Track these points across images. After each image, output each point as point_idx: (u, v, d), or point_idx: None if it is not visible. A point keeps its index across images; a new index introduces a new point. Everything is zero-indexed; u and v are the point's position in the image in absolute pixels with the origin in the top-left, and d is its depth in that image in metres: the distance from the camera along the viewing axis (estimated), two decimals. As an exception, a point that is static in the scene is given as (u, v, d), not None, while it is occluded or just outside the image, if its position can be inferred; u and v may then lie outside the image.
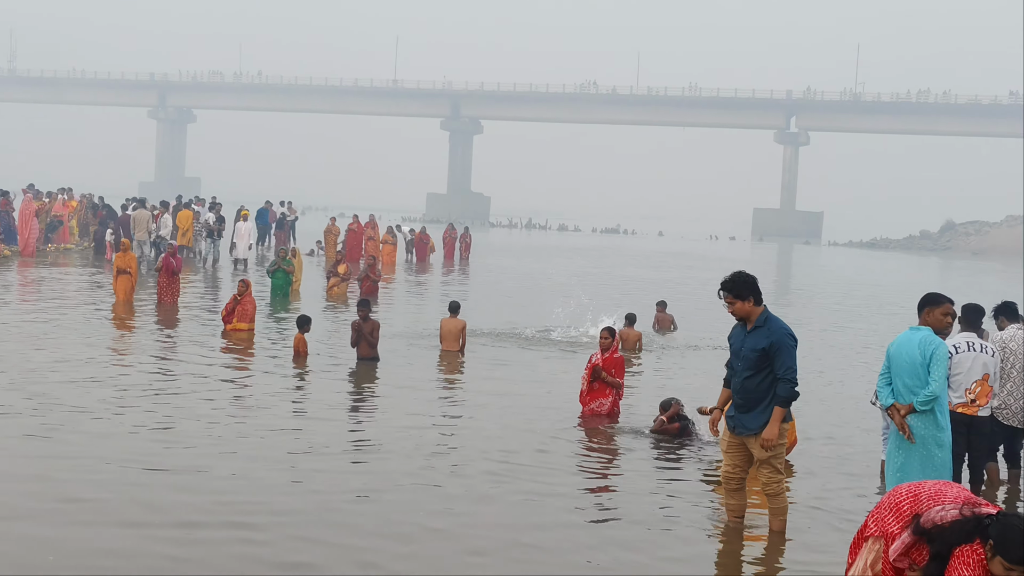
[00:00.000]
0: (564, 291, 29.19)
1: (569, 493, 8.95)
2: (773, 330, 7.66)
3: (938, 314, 7.98)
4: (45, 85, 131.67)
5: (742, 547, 7.85)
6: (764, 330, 7.69)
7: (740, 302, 7.70)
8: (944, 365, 7.74)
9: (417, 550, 7.35)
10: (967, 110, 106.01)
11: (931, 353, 7.76)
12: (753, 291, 7.71)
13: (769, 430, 7.63)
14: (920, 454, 7.78)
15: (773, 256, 63.10)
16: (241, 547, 7.24)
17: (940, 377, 7.71)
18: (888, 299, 31.81)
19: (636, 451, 10.63)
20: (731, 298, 7.71)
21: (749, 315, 7.74)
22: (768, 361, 7.64)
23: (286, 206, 40.25)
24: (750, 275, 7.79)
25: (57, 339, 15.61)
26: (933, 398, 7.72)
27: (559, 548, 7.54)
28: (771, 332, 7.65)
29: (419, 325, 19.71)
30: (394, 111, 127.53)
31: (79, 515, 7.72)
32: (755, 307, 7.73)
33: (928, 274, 51.08)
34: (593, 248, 60.81)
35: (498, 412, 12.08)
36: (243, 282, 17.33)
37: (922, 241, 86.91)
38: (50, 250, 31.44)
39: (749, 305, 7.72)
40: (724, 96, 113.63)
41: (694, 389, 13.86)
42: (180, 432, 10.31)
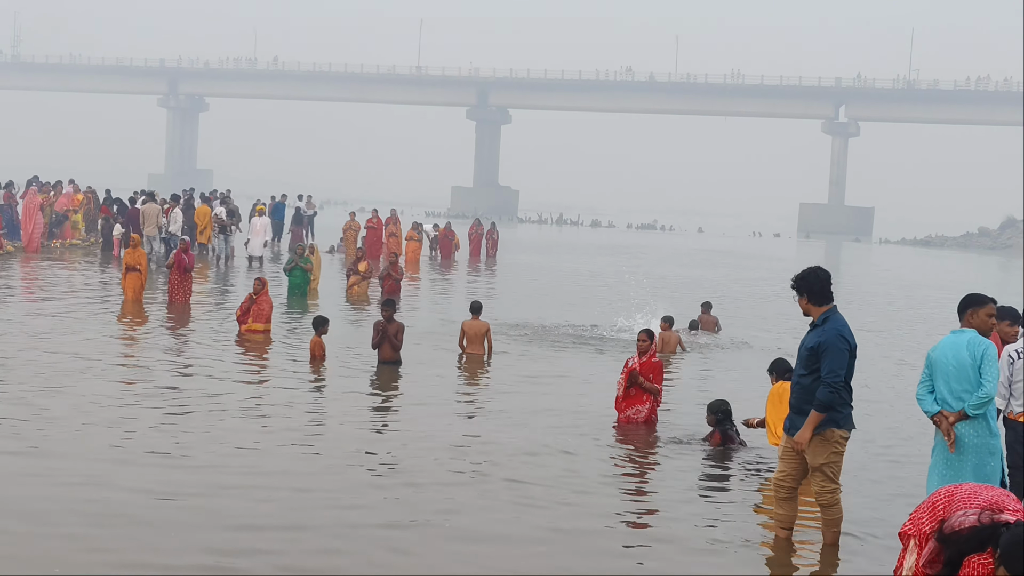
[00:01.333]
0: (599, 290, 29.20)
1: (602, 510, 8.92)
2: (826, 329, 7.72)
3: (983, 315, 7.96)
4: (49, 71, 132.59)
5: (790, 561, 7.83)
6: (820, 329, 7.78)
7: (800, 298, 7.90)
8: (997, 365, 7.70)
9: (434, 565, 7.36)
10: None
11: (982, 354, 7.73)
12: (810, 289, 7.84)
13: (801, 434, 7.71)
14: (972, 463, 7.71)
15: (820, 254, 62.76)
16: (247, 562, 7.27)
17: (994, 378, 7.68)
18: (950, 302, 31.54)
19: (675, 460, 10.58)
20: (798, 296, 7.92)
21: (809, 312, 7.90)
22: (818, 361, 7.66)
23: (304, 200, 40.39)
24: (819, 272, 7.90)
25: (61, 340, 15.70)
26: (988, 400, 7.67)
27: (593, 570, 7.54)
28: (824, 331, 7.72)
29: (444, 326, 19.72)
30: (418, 100, 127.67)
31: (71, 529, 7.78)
32: (812, 306, 7.86)
33: (987, 274, 50.67)
34: (628, 245, 60.66)
35: (526, 420, 12.04)
36: (259, 280, 17.39)
37: (980, 239, 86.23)
38: (55, 246, 31.65)
39: (804, 302, 7.89)
40: (769, 84, 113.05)
41: (737, 393, 13.80)
42: (187, 444, 10.34)
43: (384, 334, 14.85)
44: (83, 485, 8.71)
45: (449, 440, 10.86)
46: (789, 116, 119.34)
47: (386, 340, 14.85)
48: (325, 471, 9.51)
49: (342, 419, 11.63)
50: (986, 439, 7.73)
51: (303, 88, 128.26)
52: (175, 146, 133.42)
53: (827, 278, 7.87)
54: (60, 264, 27.40)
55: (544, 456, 10.43)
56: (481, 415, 12.30)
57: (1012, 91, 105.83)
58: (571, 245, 57.77)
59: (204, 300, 21.83)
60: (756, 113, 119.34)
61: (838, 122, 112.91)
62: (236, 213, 32.46)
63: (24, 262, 27.23)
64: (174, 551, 7.36)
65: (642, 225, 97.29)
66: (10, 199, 32.06)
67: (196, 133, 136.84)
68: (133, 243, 21.53)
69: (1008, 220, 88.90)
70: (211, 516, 8.12)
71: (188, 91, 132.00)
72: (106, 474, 9.05)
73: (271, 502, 8.52)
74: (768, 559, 7.91)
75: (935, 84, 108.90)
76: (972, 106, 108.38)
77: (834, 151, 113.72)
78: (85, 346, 15.25)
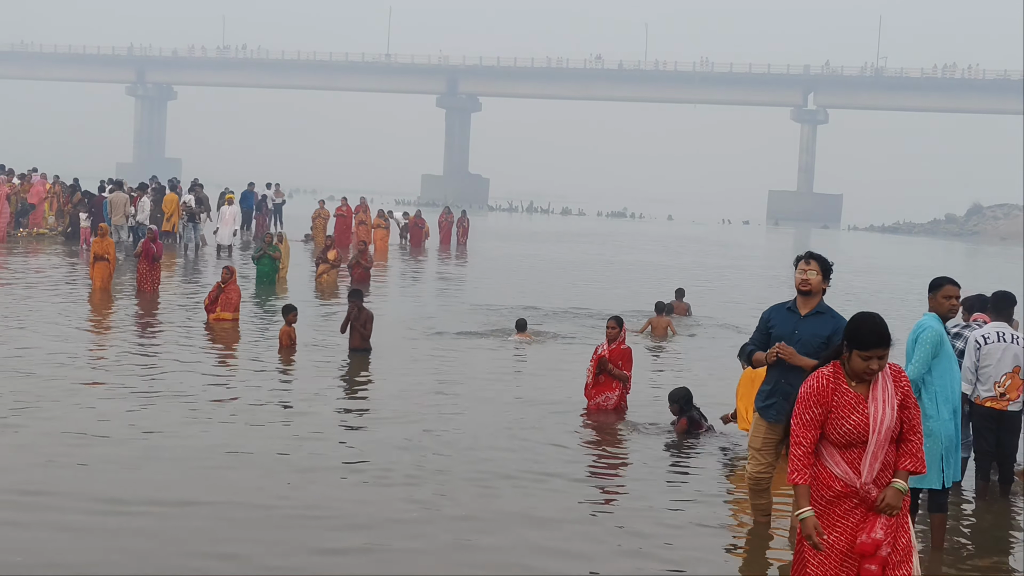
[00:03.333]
0: (568, 276, 29.24)
1: (572, 495, 8.93)
2: (837, 319, 7.73)
3: (939, 298, 7.98)
4: (14, 60, 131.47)
5: (768, 546, 7.92)
6: (827, 316, 7.76)
7: (821, 276, 7.80)
8: (924, 348, 7.68)
9: (410, 556, 7.36)
10: (996, 86, 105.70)
11: (917, 336, 7.77)
12: (829, 278, 7.87)
13: (804, 360, 7.61)
14: None
15: (790, 241, 63.04)
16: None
17: (919, 360, 7.68)
18: (920, 287, 31.73)
19: (645, 447, 10.61)
20: (817, 267, 7.80)
21: (816, 293, 7.79)
22: (829, 349, 7.68)
23: (272, 188, 40.21)
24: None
25: (29, 330, 15.60)
26: (910, 382, 7.67)
27: (563, 554, 7.55)
28: (836, 319, 7.72)
29: (413, 314, 19.70)
30: (387, 88, 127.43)
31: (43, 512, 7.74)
32: (822, 292, 7.85)
33: (953, 260, 51.05)
34: (598, 233, 60.76)
35: (496, 407, 12.05)
36: (227, 269, 17.32)
37: (947, 225, 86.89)
38: (21, 235, 31.41)
39: (824, 284, 7.82)
40: (738, 72, 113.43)
41: (710, 379, 13.86)
42: (158, 437, 10.30)
43: (352, 321, 14.86)
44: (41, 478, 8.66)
45: (416, 427, 10.84)
46: (758, 104, 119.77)
47: (355, 329, 14.86)
48: (292, 462, 9.47)
49: (309, 406, 11.60)
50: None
51: (272, 76, 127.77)
52: (143, 135, 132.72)
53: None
54: (27, 253, 27.18)
55: (512, 443, 10.43)
56: (448, 403, 12.25)
57: (979, 79, 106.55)
58: (541, 233, 57.78)
59: (173, 289, 21.71)
60: (725, 101, 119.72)
61: (807, 110, 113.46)
62: (205, 202, 32.28)
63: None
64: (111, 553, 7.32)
65: (612, 213, 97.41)
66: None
67: (164, 122, 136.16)
68: (101, 232, 21.37)
69: (974, 207, 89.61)
70: (173, 522, 8.08)
71: (156, 79, 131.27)
72: (63, 465, 8.99)
73: (241, 489, 8.49)
74: (747, 542, 7.98)
75: (902, 72, 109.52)
76: (939, 94, 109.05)
77: (803, 138, 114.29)
78: (51, 335, 15.15)
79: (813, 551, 5.52)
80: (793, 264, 7.98)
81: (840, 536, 5.51)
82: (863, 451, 5.48)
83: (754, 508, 8.21)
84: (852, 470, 5.48)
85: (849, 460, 5.49)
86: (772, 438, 7.92)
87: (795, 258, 7.96)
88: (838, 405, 5.46)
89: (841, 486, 5.51)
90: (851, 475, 5.48)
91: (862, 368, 5.44)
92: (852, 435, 5.45)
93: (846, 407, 5.47)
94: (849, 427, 5.45)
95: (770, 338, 7.92)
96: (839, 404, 5.46)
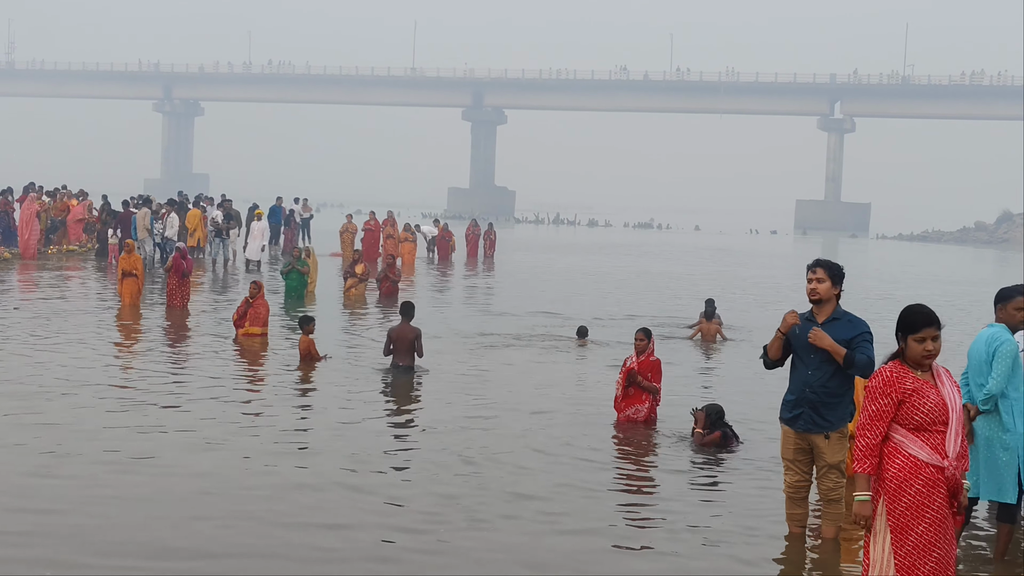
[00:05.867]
0: (599, 289, 29.19)
1: (604, 510, 8.90)
2: (856, 322, 7.72)
3: (1010, 309, 7.92)
4: (44, 78, 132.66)
5: (805, 555, 7.88)
6: (844, 322, 7.73)
7: (830, 283, 7.76)
8: (1006, 362, 7.64)
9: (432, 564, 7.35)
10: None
11: (994, 349, 7.70)
12: (842, 283, 7.85)
13: (824, 339, 7.61)
14: (984, 456, 7.70)
15: (818, 251, 62.69)
16: None
17: (1000, 374, 7.63)
18: (961, 298, 31.54)
19: (676, 459, 10.56)
20: (825, 275, 7.76)
21: (827, 300, 7.76)
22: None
23: (300, 203, 40.35)
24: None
25: (59, 347, 15.68)
26: (989, 396, 7.64)
27: (597, 569, 7.52)
28: (854, 324, 7.70)
29: (442, 326, 19.69)
30: (413, 101, 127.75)
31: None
32: (835, 298, 7.81)
33: (984, 268, 50.69)
34: (625, 244, 60.66)
35: (525, 421, 12.01)
36: (255, 284, 17.35)
37: (977, 233, 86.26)
38: (52, 253, 31.62)
39: (833, 291, 7.77)
40: (764, 81, 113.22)
41: (738, 389, 13.80)
42: (180, 452, 10.32)
43: (391, 340, 14.73)
44: (87, 487, 8.69)
45: (445, 441, 10.83)
46: (784, 113, 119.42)
47: (398, 345, 14.69)
48: (311, 472, 9.48)
49: (331, 422, 11.60)
50: (997, 434, 7.69)
51: (298, 91, 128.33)
52: (171, 151, 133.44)
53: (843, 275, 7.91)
54: (57, 271, 27.35)
55: (543, 456, 10.40)
56: (478, 416, 12.22)
57: (1008, 86, 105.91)
58: (568, 245, 57.76)
59: (202, 304, 21.79)
60: (751, 110, 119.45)
61: (834, 118, 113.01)
62: (236, 217, 32.40)
63: (21, 269, 27.19)
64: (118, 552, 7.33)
65: (639, 224, 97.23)
66: (7, 206, 32.03)
67: (192, 137, 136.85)
68: (128, 248, 21.46)
69: (1004, 214, 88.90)
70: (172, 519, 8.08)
71: (183, 95, 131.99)
72: (98, 477, 9.03)
73: (265, 500, 8.50)
74: (781, 554, 7.92)
75: (930, 79, 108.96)
76: (967, 101, 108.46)
77: (830, 147, 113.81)
78: (82, 352, 15.23)
79: (900, 546, 5.63)
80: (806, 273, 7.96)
81: (929, 527, 5.61)
82: (943, 432, 5.67)
83: (790, 518, 8.15)
84: (936, 451, 5.65)
85: (931, 443, 5.65)
86: (803, 446, 7.87)
87: (807, 267, 7.94)
88: (911, 391, 5.65)
89: (929, 472, 5.64)
90: (937, 456, 5.63)
91: (919, 352, 5.67)
92: (934, 413, 5.63)
93: (919, 391, 5.66)
94: (931, 405, 5.64)
95: (791, 347, 7.92)
96: (911, 390, 5.65)
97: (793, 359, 7.96)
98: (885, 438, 5.71)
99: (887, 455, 5.68)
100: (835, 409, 7.74)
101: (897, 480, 5.63)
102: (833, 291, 7.78)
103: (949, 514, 5.67)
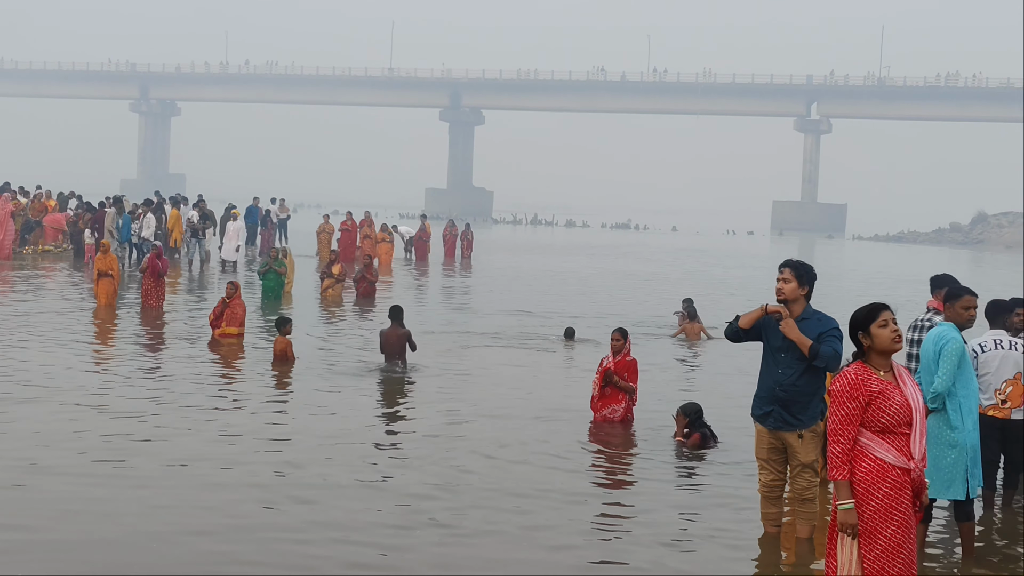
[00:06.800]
0: (576, 289, 29.21)
1: (579, 510, 8.91)
2: (824, 320, 7.77)
3: (958, 308, 7.98)
4: (19, 78, 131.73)
5: (780, 556, 7.91)
6: (814, 321, 7.78)
7: (796, 283, 7.79)
8: (952, 360, 7.67)
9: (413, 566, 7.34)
10: (999, 94, 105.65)
11: (940, 348, 7.75)
12: (811, 283, 7.87)
13: (794, 330, 7.66)
14: (933, 454, 7.72)
15: (794, 251, 62.86)
16: None
17: (945, 373, 7.68)
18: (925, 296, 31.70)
19: (651, 461, 10.57)
20: (791, 275, 7.79)
21: (794, 300, 7.79)
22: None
23: (277, 204, 40.24)
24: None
25: (34, 347, 15.60)
26: (936, 395, 7.69)
27: (573, 569, 7.53)
28: (824, 321, 7.75)
29: (418, 327, 19.66)
30: (390, 102, 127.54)
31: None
32: (804, 298, 7.84)
33: (959, 269, 50.94)
34: (603, 244, 60.73)
35: (502, 420, 12.03)
36: (232, 284, 17.31)
37: (952, 234, 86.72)
38: (27, 253, 31.45)
39: (800, 292, 7.80)
40: (740, 82, 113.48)
41: (717, 388, 13.83)
42: (159, 454, 10.28)
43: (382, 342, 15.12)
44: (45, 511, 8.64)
45: (420, 441, 10.82)
46: (761, 114, 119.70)
47: (387, 348, 15.04)
48: (290, 477, 9.46)
49: (306, 422, 11.59)
50: (944, 432, 7.73)
51: (275, 91, 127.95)
52: (147, 151, 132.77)
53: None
54: (32, 271, 27.20)
55: (519, 456, 10.41)
56: (455, 416, 12.23)
57: (982, 88, 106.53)
58: (545, 245, 57.78)
59: (177, 304, 21.72)
60: (728, 111, 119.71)
61: (810, 120, 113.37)
62: (211, 217, 32.29)
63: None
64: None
65: (616, 225, 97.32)
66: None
67: (168, 138, 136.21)
68: (103, 248, 21.38)
69: (979, 215, 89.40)
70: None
71: (160, 96, 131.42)
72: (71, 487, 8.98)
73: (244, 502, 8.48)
74: (757, 555, 7.94)
75: (905, 81, 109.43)
76: (943, 103, 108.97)
77: (806, 149, 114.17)
78: (56, 353, 15.16)
79: (869, 549, 5.64)
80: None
81: (897, 530, 5.64)
82: (907, 434, 5.68)
83: (764, 518, 8.18)
84: (902, 453, 5.66)
85: (896, 445, 5.66)
86: (777, 445, 7.91)
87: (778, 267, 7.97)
88: (876, 393, 5.64)
89: (896, 474, 5.66)
90: (903, 458, 5.65)
91: (888, 336, 5.69)
92: (899, 415, 5.63)
93: (884, 393, 5.65)
94: (896, 407, 5.64)
95: (761, 337, 7.97)
96: (877, 392, 5.64)
97: (764, 356, 7.99)
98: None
99: (854, 458, 5.69)
100: (805, 408, 7.76)
101: (865, 483, 5.64)
102: (800, 291, 7.81)
103: (913, 514, 5.69)
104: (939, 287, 9.04)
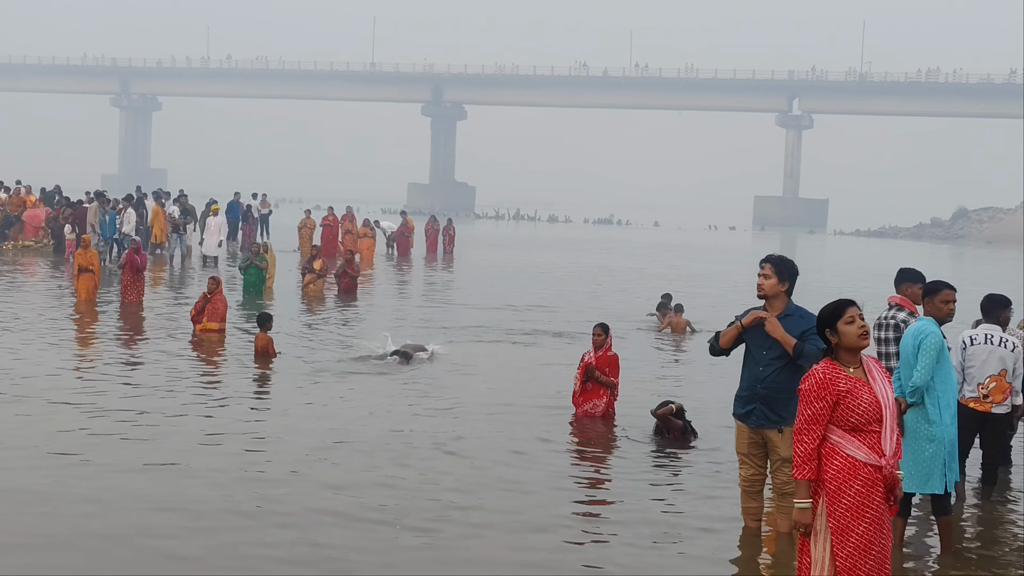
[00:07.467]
0: (557, 284, 29.23)
1: (560, 506, 8.92)
2: (806, 316, 7.76)
3: (937, 302, 8.02)
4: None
5: (760, 551, 7.93)
6: (796, 318, 7.80)
7: (776, 279, 7.81)
8: (930, 354, 7.70)
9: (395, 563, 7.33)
10: (979, 90, 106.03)
11: (919, 342, 7.77)
12: (792, 279, 7.87)
13: (778, 329, 7.68)
14: (911, 448, 7.76)
15: (776, 246, 63.07)
16: None
17: (924, 367, 7.70)
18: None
19: (632, 455, 10.59)
20: (771, 272, 7.82)
21: (774, 296, 7.82)
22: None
23: (258, 199, 40.12)
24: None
25: (13, 343, 15.54)
26: (915, 389, 7.72)
27: (555, 564, 7.53)
28: (806, 318, 7.75)
29: (401, 322, 19.66)
30: (372, 96, 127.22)
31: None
32: (785, 294, 7.86)
33: (940, 263, 51.16)
34: (586, 240, 60.74)
35: (483, 416, 12.03)
36: (213, 279, 17.27)
37: (933, 229, 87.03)
38: (7, 248, 31.30)
39: (780, 288, 7.82)
40: (722, 77, 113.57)
41: (696, 383, 13.87)
42: (144, 447, 10.26)
43: None
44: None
45: (401, 436, 10.81)
46: (743, 110, 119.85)
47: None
48: (277, 475, 9.45)
49: (286, 419, 11.56)
50: (923, 426, 7.76)
51: (257, 86, 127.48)
52: (128, 146, 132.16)
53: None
54: (12, 266, 27.08)
55: (499, 453, 10.41)
56: (437, 411, 12.22)
57: (962, 83, 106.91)
58: (528, 240, 57.78)
59: (158, 300, 21.65)
60: (710, 107, 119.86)
61: (792, 115, 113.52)
62: (192, 212, 32.18)
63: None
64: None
65: (599, 220, 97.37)
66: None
67: (149, 133, 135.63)
68: (84, 244, 21.31)
69: (959, 211, 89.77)
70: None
71: (140, 90, 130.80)
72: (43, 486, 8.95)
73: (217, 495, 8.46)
74: (736, 549, 7.96)
75: (887, 77, 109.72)
76: (923, 98, 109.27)
77: (788, 144, 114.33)
78: (37, 347, 15.09)
79: (842, 547, 5.65)
80: None
81: (869, 527, 5.65)
82: (878, 431, 5.67)
83: (745, 512, 8.20)
84: (873, 451, 5.65)
85: (867, 442, 5.66)
86: (757, 440, 7.93)
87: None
88: (845, 391, 5.63)
89: (867, 472, 5.66)
90: (874, 455, 5.64)
91: (855, 333, 5.67)
92: (869, 413, 5.63)
93: (853, 390, 5.64)
94: (865, 406, 5.63)
95: (743, 341, 7.98)
96: (845, 390, 5.63)
97: (745, 355, 8.01)
98: (822, 439, 5.71)
99: (825, 456, 5.69)
100: (787, 404, 7.75)
101: (836, 482, 5.64)
102: (780, 288, 7.83)
103: (886, 511, 5.70)
104: (905, 281, 9.02)
